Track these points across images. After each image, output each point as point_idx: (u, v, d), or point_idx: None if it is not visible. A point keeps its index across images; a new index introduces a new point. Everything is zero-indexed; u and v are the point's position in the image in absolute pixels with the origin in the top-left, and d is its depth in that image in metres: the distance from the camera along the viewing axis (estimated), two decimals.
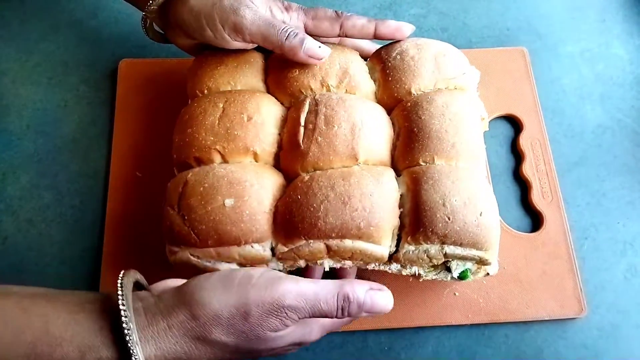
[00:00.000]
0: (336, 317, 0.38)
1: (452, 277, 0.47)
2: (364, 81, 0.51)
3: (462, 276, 0.47)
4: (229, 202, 0.43)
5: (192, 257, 0.44)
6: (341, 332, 0.52)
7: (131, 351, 0.32)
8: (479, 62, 0.56)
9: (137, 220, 0.55)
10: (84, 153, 0.59)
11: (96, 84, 0.63)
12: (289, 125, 0.48)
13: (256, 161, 0.47)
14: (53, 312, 0.34)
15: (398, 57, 0.50)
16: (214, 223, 0.42)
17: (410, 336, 0.52)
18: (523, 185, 0.58)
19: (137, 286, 0.39)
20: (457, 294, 0.53)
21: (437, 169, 0.45)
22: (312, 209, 0.42)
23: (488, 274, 0.48)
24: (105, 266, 0.53)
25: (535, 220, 0.57)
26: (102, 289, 0.52)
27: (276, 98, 0.51)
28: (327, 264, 0.46)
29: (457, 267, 0.47)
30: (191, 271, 0.45)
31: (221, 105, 0.48)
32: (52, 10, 0.66)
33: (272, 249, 0.45)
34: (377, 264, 0.46)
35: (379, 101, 0.51)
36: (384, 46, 0.53)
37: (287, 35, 0.47)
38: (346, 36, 0.51)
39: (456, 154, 0.46)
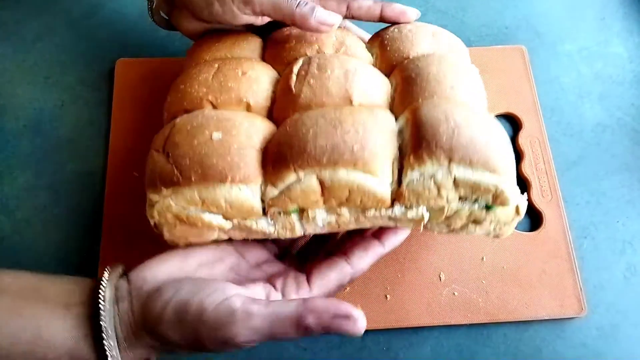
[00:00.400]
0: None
1: (479, 208, 0.41)
2: (360, 52, 0.50)
3: (490, 206, 0.40)
4: (216, 135, 0.40)
5: (173, 204, 0.40)
6: None
7: None
8: (477, 60, 0.56)
9: (135, 220, 0.54)
10: (81, 153, 0.59)
11: (93, 84, 0.62)
12: (282, 78, 0.47)
13: (248, 111, 0.46)
14: (45, 315, 0.36)
15: (395, 30, 0.50)
16: (199, 156, 0.39)
17: (409, 336, 0.52)
18: (522, 184, 0.58)
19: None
20: (456, 293, 0.52)
21: (436, 98, 0.42)
22: (300, 134, 0.39)
23: (518, 210, 0.41)
24: (102, 266, 0.52)
25: (534, 219, 0.57)
26: None
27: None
28: (321, 216, 0.41)
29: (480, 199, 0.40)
30: (173, 231, 0.42)
31: (216, 65, 0.47)
32: (49, 10, 0.66)
33: (263, 202, 0.41)
34: (377, 210, 0.40)
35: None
36: (382, 28, 0.53)
37: (297, 3, 0.47)
38: (352, 17, 0.51)
39: (455, 95, 0.43)
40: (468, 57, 0.52)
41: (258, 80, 0.46)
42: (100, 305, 0.36)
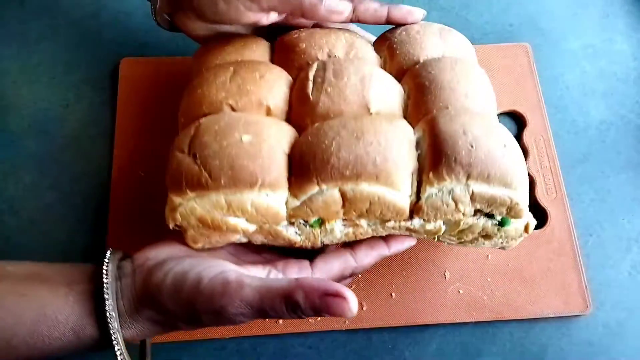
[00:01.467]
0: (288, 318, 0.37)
1: (492, 224, 0.42)
2: (370, 54, 0.50)
3: (504, 222, 0.42)
4: (246, 137, 0.39)
5: (198, 208, 0.40)
6: (345, 331, 0.52)
7: (113, 337, 0.37)
8: (481, 58, 0.56)
9: (141, 219, 0.55)
10: (86, 153, 0.59)
11: (97, 83, 0.62)
12: (297, 83, 0.47)
13: (268, 115, 0.45)
14: (48, 294, 0.38)
15: (403, 33, 0.50)
16: (229, 158, 0.39)
17: (415, 334, 0.52)
18: None
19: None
20: (461, 291, 0.52)
21: (451, 110, 0.42)
22: (323, 145, 0.39)
23: (527, 228, 0.43)
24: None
25: (539, 217, 0.56)
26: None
27: None
28: (339, 229, 0.42)
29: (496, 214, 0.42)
30: (196, 233, 0.42)
31: (232, 68, 0.46)
32: (52, 10, 0.66)
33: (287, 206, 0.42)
34: (396, 221, 0.42)
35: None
36: (387, 30, 0.52)
37: None
38: (358, 21, 0.51)
39: (469, 104, 0.43)
40: (474, 54, 0.51)
41: (276, 83, 0.46)
42: (104, 280, 0.38)
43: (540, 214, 0.57)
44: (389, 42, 0.50)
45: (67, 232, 0.55)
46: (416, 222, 0.42)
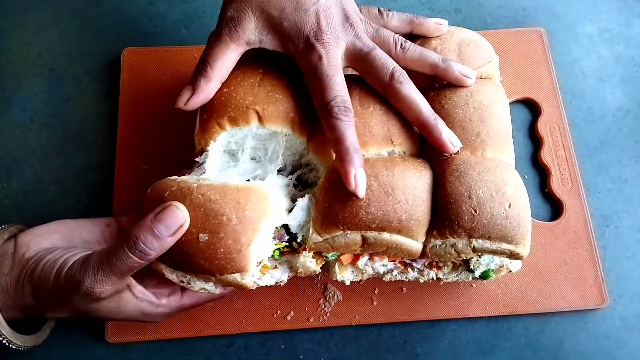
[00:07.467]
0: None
1: (473, 277, 0.46)
2: None
3: (484, 276, 0.46)
4: (202, 237, 0.40)
5: (167, 274, 0.43)
6: (355, 326, 0.51)
7: None
8: (494, 44, 0.54)
9: None
10: (88, 146, 0.58)
11: (100, 75, 0.61)
12: None
13: (293, 130, 0.45)
14: None
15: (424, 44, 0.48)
16: (187, 255, 0.41)
17: (426, 329, 0.51)
18: (542, 172, 0.56)
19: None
20: (474, 285, 0.51)
21: (462, 159, 0.43)
22: (354, 197, 0.41)
23: (511, 271, 0.46)
24: None
25: (554, 208, 0.55)
26: None
27: None
28: (348, 278, 0.47)
29: (479, 267, 0.45)
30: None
31: (261, 70, 0.46)
32: (53, 0, 0.65)
33: (287, 245, 0.44)
34: (393, 273, 0.47)
35: None
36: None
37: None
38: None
39: (481, 143, 0.44)
40: (494, 56, 0.49)
41: (305, 93, 0.45)
42: None
43: (555, 205, 0.55)
44: None
45: None
46: (411, 275, 0.47)
